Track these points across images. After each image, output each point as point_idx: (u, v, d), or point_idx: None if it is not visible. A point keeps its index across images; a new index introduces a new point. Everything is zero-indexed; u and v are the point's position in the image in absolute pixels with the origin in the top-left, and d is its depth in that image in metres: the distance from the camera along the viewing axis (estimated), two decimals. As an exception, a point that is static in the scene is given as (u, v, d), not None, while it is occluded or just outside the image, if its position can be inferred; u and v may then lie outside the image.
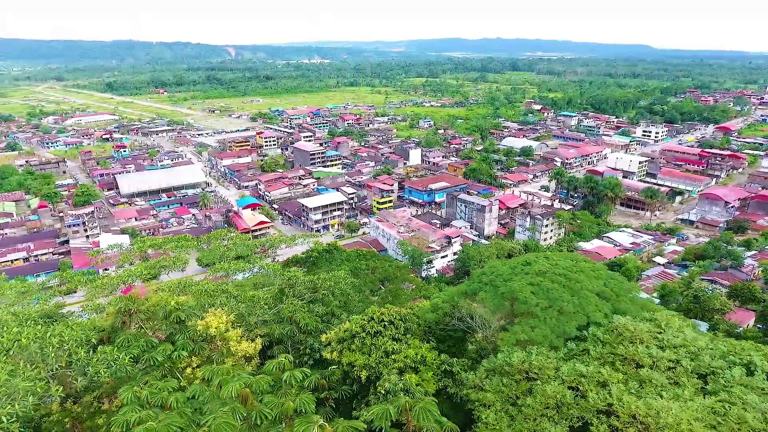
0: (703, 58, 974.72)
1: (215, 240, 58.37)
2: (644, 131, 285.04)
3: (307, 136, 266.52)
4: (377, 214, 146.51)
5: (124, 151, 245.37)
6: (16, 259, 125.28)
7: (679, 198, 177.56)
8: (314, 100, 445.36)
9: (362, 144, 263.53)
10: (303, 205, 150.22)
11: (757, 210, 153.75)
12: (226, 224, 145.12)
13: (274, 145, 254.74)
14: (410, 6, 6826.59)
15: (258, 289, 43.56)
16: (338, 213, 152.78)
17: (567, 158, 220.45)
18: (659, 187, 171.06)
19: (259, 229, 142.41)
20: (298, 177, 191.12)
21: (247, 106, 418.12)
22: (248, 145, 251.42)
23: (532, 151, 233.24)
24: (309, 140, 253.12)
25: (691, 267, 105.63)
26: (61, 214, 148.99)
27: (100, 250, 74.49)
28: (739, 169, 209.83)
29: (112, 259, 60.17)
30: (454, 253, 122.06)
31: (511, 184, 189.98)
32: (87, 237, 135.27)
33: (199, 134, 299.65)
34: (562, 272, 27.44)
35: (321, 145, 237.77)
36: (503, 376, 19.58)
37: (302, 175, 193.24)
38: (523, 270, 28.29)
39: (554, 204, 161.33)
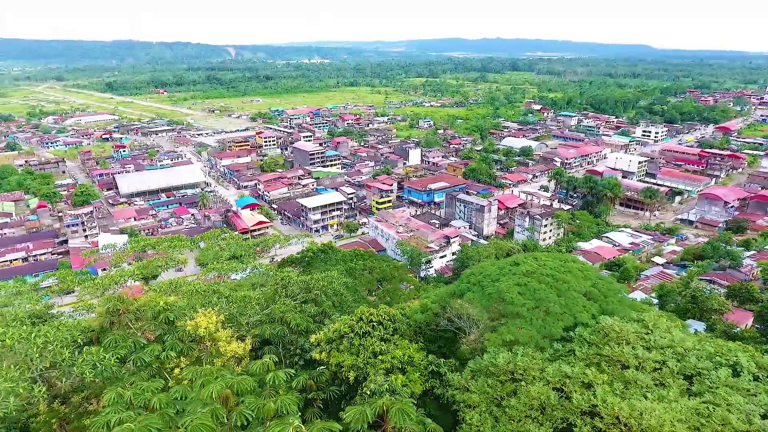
0: (703, 58, 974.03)
1: (209, 240, 58.16)
2: (644, 131, 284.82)
3: (307, 136, 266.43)
4: (376, 214, 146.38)
5: (124, 151, 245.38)
6: (14, 259, 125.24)
7: (678, 198, 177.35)
8: (314, 100, 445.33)
9: (362, 144, 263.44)
10: (302, 205, 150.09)
11: (756, 210, 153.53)
12: (225, 224, 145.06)
13: (274, 145, 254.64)
14: (410, 6, 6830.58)
15: (256, 288, 43.47)
16: (337, 213, 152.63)
17: (566, 158, 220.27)
18: (659, 187, 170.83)
19: (258, 229, 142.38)
20: (298, 177, 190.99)
21: (247, 106, 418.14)
22: (248, 145, 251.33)
23: (531, 151, 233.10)
24: (308, 140, 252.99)
25: (690, 267, 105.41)
26: (60, 214, 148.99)
27: (93, 250, 74.42)
28: (739, 169, 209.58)
29: (106, 258, 60.08)
30: (453, 253, 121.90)
31: (510, 184, 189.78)
32: (86, 237, 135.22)
33: (198, 134, 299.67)
34: (549, 273, 27.24)
35: (320, 145, 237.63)
36: (488, 377, 19.44)
37: (301, 175, 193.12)
38: (511, 270, 28.08)
39: (553, 204, 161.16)
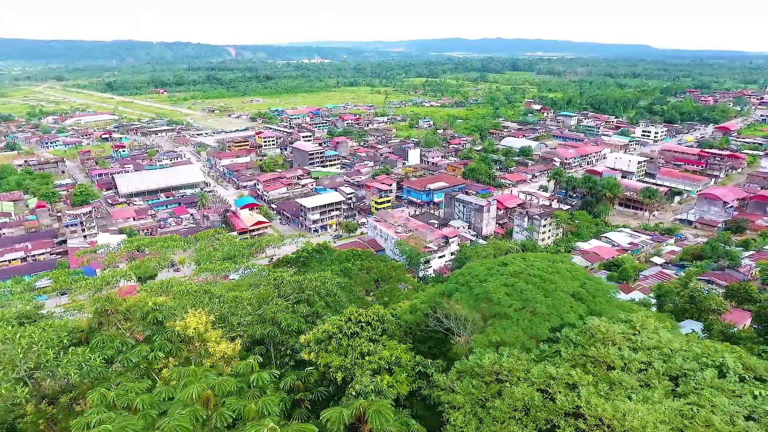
0: (703, 58, 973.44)
1: (202, 240, 58.24)
2: (644, 131, 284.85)
3: (306, 136, 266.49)
4: (375, 214, 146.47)
5: (123, 151, 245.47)
6: (13, 259, 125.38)
7: (677, 198, 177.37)
8: (314, 100, 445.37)
9: (361, 144, 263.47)
10: (301, 205, 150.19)
11: (755, 210, 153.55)
12: (224, 224, 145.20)
13: (273, 145, 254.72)
14: (410, 6, 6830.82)
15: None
16: (336, 213, 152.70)
17: (566, 158, 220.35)
18: (658, 187, 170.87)
19: (257, 229, 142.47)
20: (297, 177, 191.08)
21: (247, 106, 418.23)
22: (247, 145, 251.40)
23: (531, 151, 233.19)
24: (308, 140, 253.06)
25: (689, 267, 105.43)
26: (59, 214, 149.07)
27: (86, 250, 74.44)
28: (738, 169, 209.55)
29: (100, 259, 60.16)
30: (452, 253, 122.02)
31: (509, 184, 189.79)
32: (85, 237, 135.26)
33: (198, 134, 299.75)
34: (536, 273, 27.23)
35: (320, 145, 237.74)
36: (474, 378, 19.41)
37: (301, 175, 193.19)
38: (499, 271, 28.09)
39: (552, 204, 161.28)
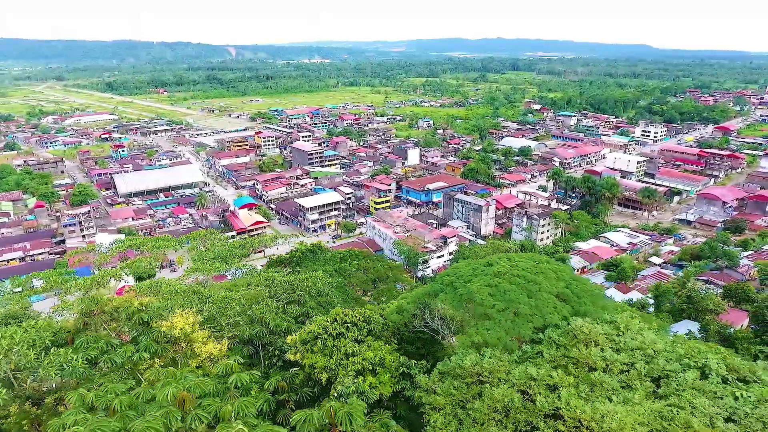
0: (704, 58, 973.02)
1: (194, 240, 58.17)
2: (643, 131, 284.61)
3: (306, 136, 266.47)
4: (374, 214, 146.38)
5: (123, 151, 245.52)
6: (12, 259, 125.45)
7: (677, 198, 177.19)
8: (314, 100, 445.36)
9: (361, 144, 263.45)
10: (300, 205, 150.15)
11: (754, 210, 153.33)
12: (222, 224, 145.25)
13: (273, 144, 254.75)
14: (411, 6, 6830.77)
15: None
16: (335, 213, 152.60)
17: (565, 158, 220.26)
18: (657, 187, 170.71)
19: (255, 229, 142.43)
20: (296, 177, 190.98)
21: (247, 106, 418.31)
22: (247, 145, 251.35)
23: (530, 151, 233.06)
24: (307, 140, 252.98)
25: (687, 267, 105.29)
26: (58, 214, 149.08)
27: (78, 250, 74.38)
28: (738, 169, 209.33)
29: (91, 259, 60.15)
30: (450, 253, 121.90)
31: (509, 184, 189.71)
32: (83, 237, 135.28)
33: (198, 134, 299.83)
34: (521, 273, 27.11)
35: (319, 144, 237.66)
36: (455, 379, 19.31)
37: (300, 175, 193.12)
38: (484, 271, 27.97)
39: (551, 204, 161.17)
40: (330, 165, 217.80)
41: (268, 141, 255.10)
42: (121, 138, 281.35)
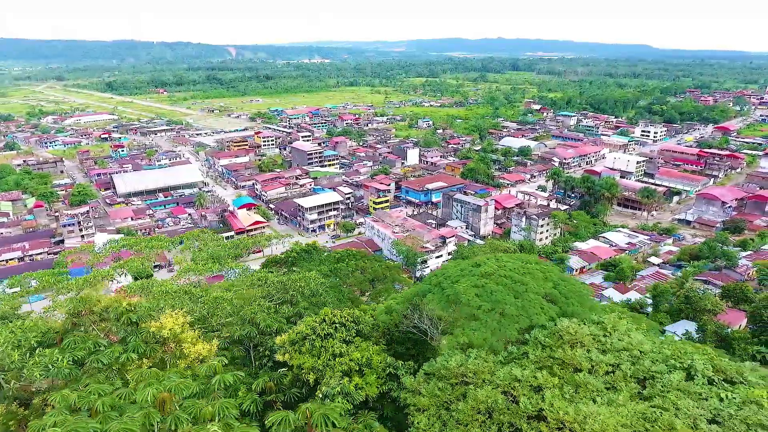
0: (704, 58, 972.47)
1: (187, 241, 58.14)
2: (643, 131, 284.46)
3: (306, 136, 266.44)
4: (373, 214, 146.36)
5: (122, 151, 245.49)
6: (10, 259, 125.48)
7: (676, 198, 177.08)
8: (314, 100, 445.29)
9: (360, 144, 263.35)
10: (299, 205, 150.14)
11: (754, 210, 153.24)
12: (221, 224, 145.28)
13: (272, 144, 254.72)
14: (411, 6, 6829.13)
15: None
16: (334, 213, 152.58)
17: (565, 158, 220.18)
18: (656, 187, 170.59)
19: (254, 229, 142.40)
20: (295, 177, 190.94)
21: (247, 106, 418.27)
22: (246, 145, 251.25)
23: (530, 151, 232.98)
24: (307, 140, 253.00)
25: (686, 267, 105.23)
26: (57, 214, 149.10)
27: (72, 251, 74.34)
28: (738, 169, 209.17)
29: (84, 259, 60.16)
30: (449, 253, 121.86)
31: (508, 184, 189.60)
32: (82, 237, 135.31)
33: (197, 134, 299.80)
34: (508, 274, 26.96)
35: (319, 144, 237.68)
36: (440, 380, 19.22)
37: (299, 175, 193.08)
38: (471, 272, 27.90)
39: (551, 204, 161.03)
40: (329, 165, 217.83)
41: (268, 141, 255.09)
42: (120, 138, 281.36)
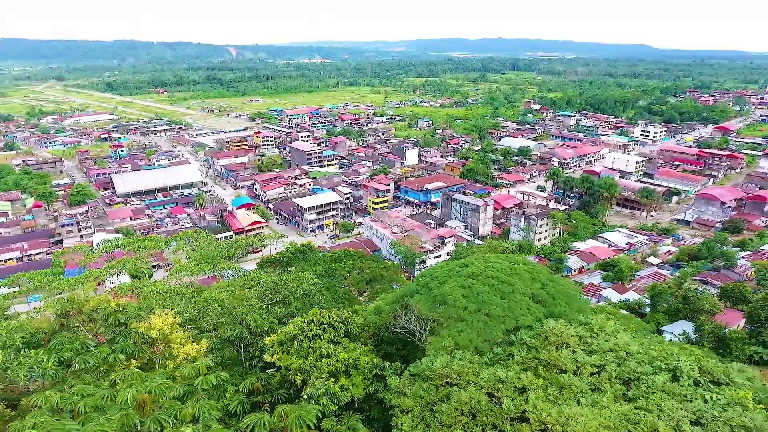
0: (704, 58, 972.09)
1: (180, 241, 58.07)
2: (642, 131, 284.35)
3: (305, 136, 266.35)
4: (372, 214, 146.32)
5: (122, 151, 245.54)
6: (9, 259, 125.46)
7: (675, 198, 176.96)
8: (314, 100, 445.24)
9: (360, 144, 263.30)
10: (298, 205, 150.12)
11: (753, 210, 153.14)
12: (220, 224, 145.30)
13: (272, 144, 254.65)
14: (411, 6, 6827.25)
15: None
16: (333, 213, 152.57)
17: (564, 158, 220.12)
18: (656, 188, 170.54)
19: (253, 229, 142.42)
20: (294, 177, 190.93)
21: (247, 106, 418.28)
22: (246, 145, 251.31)
23: (529, 151, 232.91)
24: (307, 140, 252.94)
25: (684, 267, 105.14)
26: (56, 214, 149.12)
27: (66, 251, 74.24)
28: (737, 169, 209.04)
29: (77, 259, 60.11)
30: (448, 253, 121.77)
31: (507, 184, 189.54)
32: (81, 237, 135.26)
33: (197, 134, 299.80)
34: (495, 275, 26.91)
35: (318, 144, 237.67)
36: (425, 381, 19.17)
37: (298, 175, 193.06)
38: (459, 272, 27.83)
39: (550, 204, 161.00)
40: (329, 165, 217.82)
41: (267, 141, 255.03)
42: (120, 138, 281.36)
